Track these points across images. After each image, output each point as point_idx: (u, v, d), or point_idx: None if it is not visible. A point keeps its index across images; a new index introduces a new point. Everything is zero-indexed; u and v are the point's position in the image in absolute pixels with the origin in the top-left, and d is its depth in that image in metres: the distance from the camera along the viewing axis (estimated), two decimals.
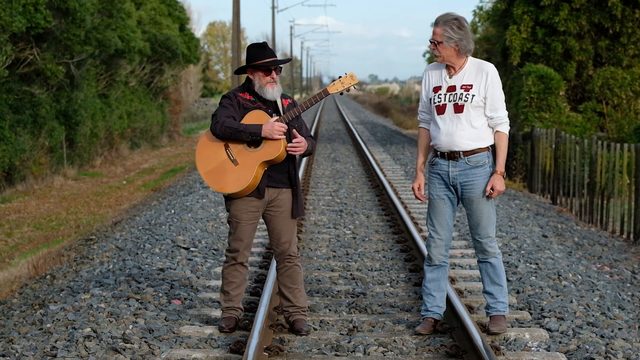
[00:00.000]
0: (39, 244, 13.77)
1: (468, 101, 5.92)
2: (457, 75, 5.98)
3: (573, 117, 21.35)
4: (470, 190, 5.99)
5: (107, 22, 26.63)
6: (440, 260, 6.15)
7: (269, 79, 5.99)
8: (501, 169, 5.96)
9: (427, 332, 6.10)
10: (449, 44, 5.89)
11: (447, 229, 6.12)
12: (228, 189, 5.96)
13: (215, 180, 5.98)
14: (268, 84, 5.99)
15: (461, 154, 5.96)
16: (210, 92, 78.01)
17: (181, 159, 30.03)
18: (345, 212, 12.04)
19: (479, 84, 5.94)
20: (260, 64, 5.97)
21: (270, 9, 61.53)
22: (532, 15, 22.62)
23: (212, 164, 5.99)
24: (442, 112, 5.98)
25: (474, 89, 5.93)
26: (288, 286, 6.15)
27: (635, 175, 12.34)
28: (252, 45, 6.08)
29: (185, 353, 5.69)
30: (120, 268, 8.34)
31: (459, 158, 5.97)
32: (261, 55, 6.00)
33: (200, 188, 15.12)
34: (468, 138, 5.94)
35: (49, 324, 6.40)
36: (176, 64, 36.78)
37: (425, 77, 6.15)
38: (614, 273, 9.24)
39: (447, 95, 5.97)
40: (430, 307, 6.16)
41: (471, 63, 6.01)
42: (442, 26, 5.90)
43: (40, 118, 21.91)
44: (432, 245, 6.14)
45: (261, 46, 6.06)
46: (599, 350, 5.67)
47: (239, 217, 6.05)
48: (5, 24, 18.43)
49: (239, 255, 6.10)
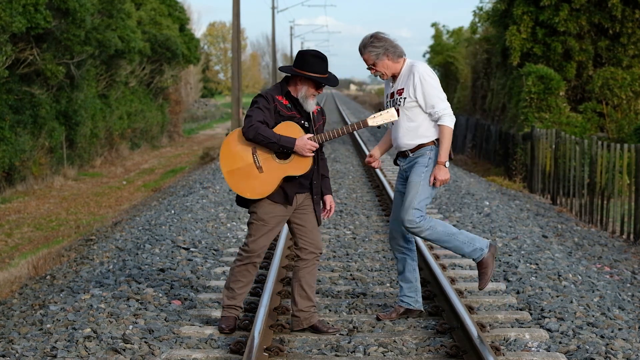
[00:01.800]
0: (39, 244, 13.78)
1: (402, 105, 6.27)
2: (396, 81, 6.34)
3: (573, 118, 21.35)
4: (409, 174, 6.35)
5: (107, 22, 26.64)
6: (399, 252, 6.43)
7: (314, 92, 5.94)
8: (441, 159, 6.20)
9: (385, 318, 6.43)
10: (380, 58, 6.21)
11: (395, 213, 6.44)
12: (247, 194, 5.93)
13: (236, 182, 5.94)
14: (311, 97, 5.96)
15: (409, 152, 6.35)
16: (210, 93, 78.00)
17: (181, 159, 30.04)
18: (345, 213, 12.04)
19: (409, 86, 6.25)
20: (321, 80, 5.89)
21: (270, 9, 61.56)
22: (532, 16, 22.62)
23: (237, 165, 5.94)
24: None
25: (405, 92, 6.27)
26: (311, 285, 6.11)
27: (635, 176, 12.34)
28: (314, 54, 5.93)
29: (185, 353, 5.69)
30: (120, 268, 8.34)
31: (408, 155, 6.37)
32: (321, 69, 5.89)
33: (200, 189, 15.12)
34: (410, 139, 6.29)
35: (49, 324, 6.40)
36: (176, 64, 36.81)
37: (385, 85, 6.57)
38: (614, 273, 9.24)
39: (390, 102, 6.37)
40: (399, 295, 6.50)
41: (405, 67, 6.32)
42: (365, 50, 6.22)
43: (40, 118, 21.91)
44: (389, 237, 6.51)
45: (323, 59, 5.93)
46: (599, 351, 5.67)
47: (266, 221, 5.98)
48: (5, 24, 18.44)
49: (256, 257, 6.06)
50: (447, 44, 40.21)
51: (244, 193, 5.93)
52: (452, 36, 41.23)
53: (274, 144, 5.80)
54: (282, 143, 5.80)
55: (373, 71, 6.27)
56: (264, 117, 5.84)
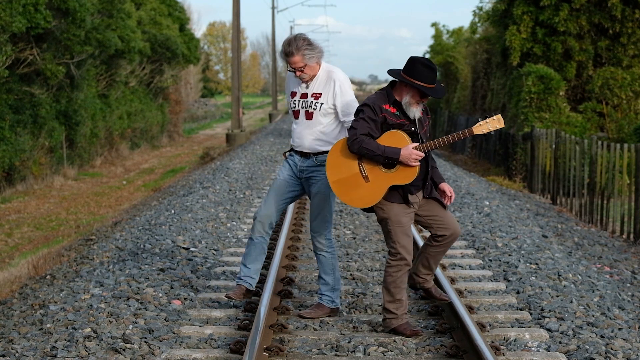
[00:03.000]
0: (39, 244, 13.78)
1: (317, 109, 6.28)
2: (310, 83, 6.31)
3: (573, 117, 21.35)
4: (314, 184, 6.38)
5: (107, 22, 26.65)
6: (261, 235, 6.48)
7: (418, 100, 5.87)
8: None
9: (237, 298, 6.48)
10: (311, 62, 6.22)
11: (277, 209, 6.46)
12: (354, 204, 6.00)
13: (344, 192, 5.99)
14: (415, 104, 5.89)
15: (311, 154, 6.37)
16: (210, 92, 78.02)
17: (181, 159, 30.04)
18: (345, 212, 12.04)
19: (327, 92, 6.26)
20: (427, 90, 5.80)
21: (270, 9, 61.58)
22: (532, 16, 22.63)
23: (343, 175, 5.98)
24: (297, 117, 6.39)
25: (323, 97, 6.28)
26: (437, 261, 6.18)
27: (635, 176, 12.34)
28: (424, 63, 5.82)
29: (185, 353, 5.69)
30: (120, 268, 8.34)
31: (309, 156, 6.38)
32: (428, 79, 5.79)
33: (200, 188, 15.12)
34: (321, 144, 6.32)
35: (49, 324, 6.40)
36: (176, 64, 36.81)
37: (286, 80, 6.51)
38: (614, 273, 9.24)
39: (301, 102, 6.35)
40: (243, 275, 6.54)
41: (323, 70, 6.33)
42: (299, 52, 6.16)
43: (40, 118, 21.91)
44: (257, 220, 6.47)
45: (432, 69, 5.85)
46: (599, 351, 5.67)
47: (402, 222, 5.98)
48: (5, 24, 18.43)
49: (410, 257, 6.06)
50: (447, 44, 40.23)
51: (353, 203, 6.00)
52: (452, 36, 41.26)
53: (379, 157, 5.81)
54: (387, 154, 5.79)
55: (299, 73, 6.21)
56: (369, 129, 5.83)
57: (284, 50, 6.21)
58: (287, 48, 6.19)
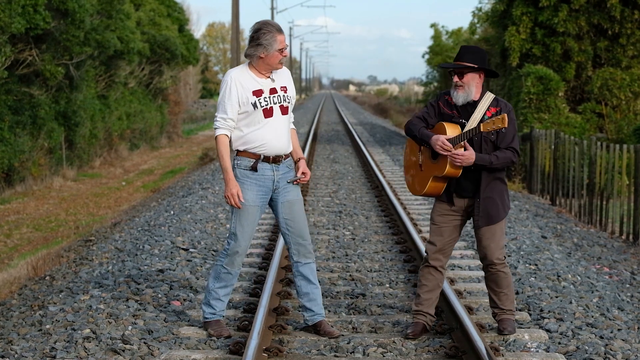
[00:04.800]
0: (38, 245, 13.77)
1: (290, 103, 5.91)
2: (273, 76, 5.83)
3: (572, 118, 21.35)
4: (290, 191, 5.92)
5: (106, 23, 26.63)
6: (239, 267, 6.01)
7: (455, 81, 5.80)
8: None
9: (227, 334, 5.99)
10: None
11: (249, 238, 5.95)
12: (410, 190, 6.15)
13: (407, 179, 6.21)
14: (454, 87, 5.83)
15: (283, 157, 5.88)
16: (209, 93, 77.96)
17: (180, 159, 30.01)
18: (345, 213, 12.04)
19: (289, 83, 5.94)
20: (448, 64, 5.89)
21: (270, 10, 61.55)
22: (531, 16, 22.62)
23: (409, 162, 6.19)
24: (270, 115, 5.79)
25: (289, 89, 5.91)
26: (493, 289, 6.05)
27: (635, 176, 12.34)
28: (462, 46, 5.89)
29: (184, 354, 5.69)
30: (120, 269, 8.34)
31: (281, 161, 5.87)
32: (456, 58, 5.83)
33: (199, 189, 15.12)
34: (289, 140, 5.92)
35: (48, 325, 6.40)
36: (175, 65, 36.78)
37: (233, 82, 5.78)
38: (613, 274, 9.24)
39: (272, 97, 5.80)
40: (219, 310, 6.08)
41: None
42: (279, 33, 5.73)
43: (39, 119, 21.90)
44: (239, 253, 5.93)
45: (461, 48, 5.86)
46: (599, 351, 5.67)
47: (434, 218, 6.02)
48: (4, 25, 18.43)
49: (432, 259, 6.03)
50: (446, 45, 40.23)
51: (409, 189, 6.17)
52: (451, 37, 41.25)
53: (416, 138, 5.88)
54: (421, 136, 5.85)
55: (285, 53, 5.76)
56: (424, 114, 5.94)
57: (277, 27, 5.75)
58: (277, 25, 5.79)
